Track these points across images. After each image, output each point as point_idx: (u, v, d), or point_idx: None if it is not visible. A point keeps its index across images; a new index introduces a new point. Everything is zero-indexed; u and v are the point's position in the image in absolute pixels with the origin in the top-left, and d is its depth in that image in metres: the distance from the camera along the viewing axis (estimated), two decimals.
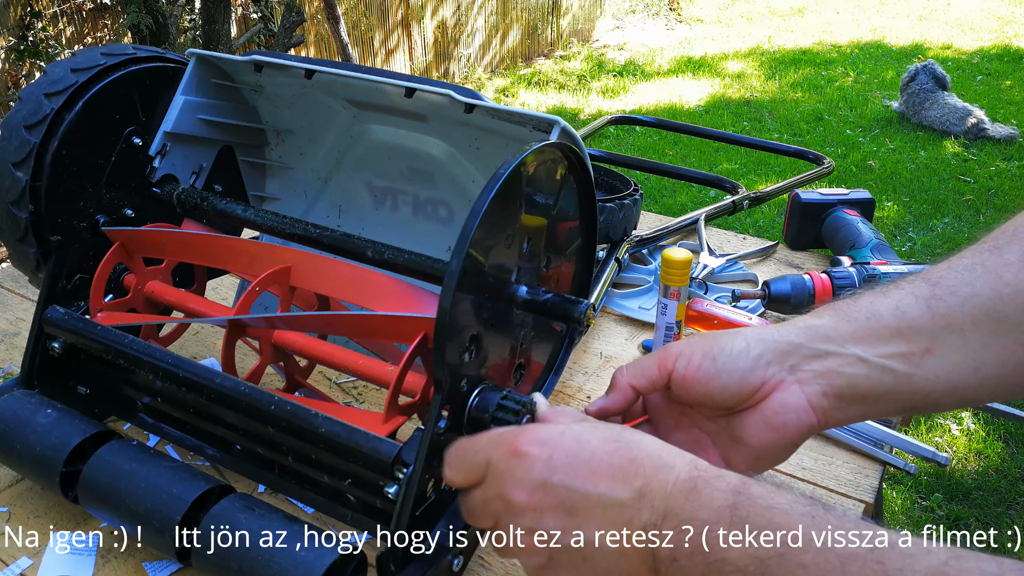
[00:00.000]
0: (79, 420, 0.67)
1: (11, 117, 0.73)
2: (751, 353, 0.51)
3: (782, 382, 0.50)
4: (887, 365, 0.49)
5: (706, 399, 0.52)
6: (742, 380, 0.50)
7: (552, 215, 0.64)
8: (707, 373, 0.51)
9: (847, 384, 0.50)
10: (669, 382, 0.53)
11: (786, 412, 0.50)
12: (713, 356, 0.51)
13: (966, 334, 0.49)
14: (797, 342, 0.51)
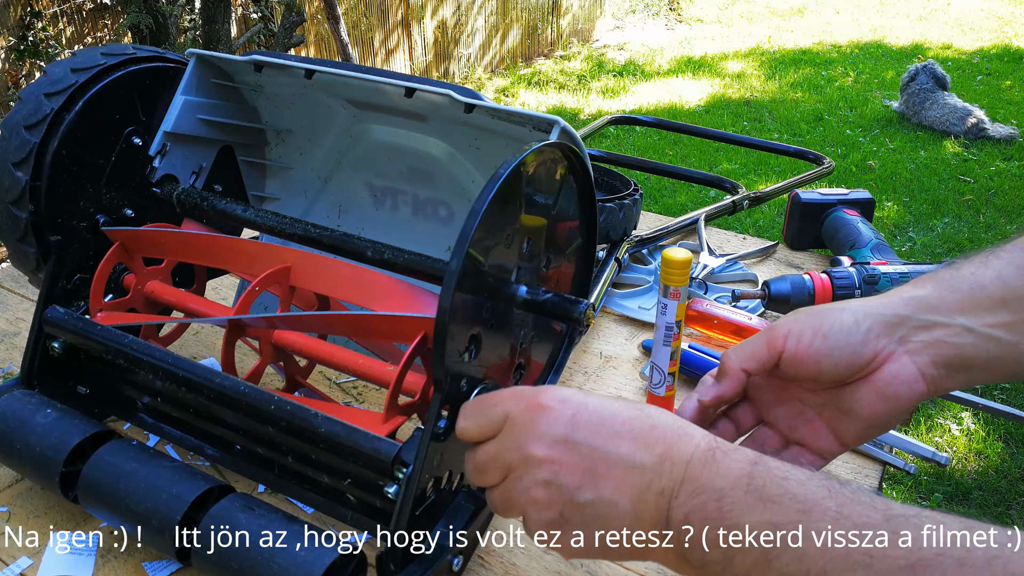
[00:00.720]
0: (79, 420, 0.67)
1: (11, 117, 0.73)
2: (861, 327, 0.51)
3: (892, 353, 0.51)
4: (993, 334, 0.51)
5: (818, 375, 0.52)
6: (854, 354, 0.51)
7: (552, 215, 0.64)
8: (819, 350, 0.51)
9: (955, 354, 0.51)
10: (779, 361, 0.53)
11: (898, 383, 0.51)
12: (824, 333, 0.52)
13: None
14: (904, 314, 0.52)
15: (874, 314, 0.52)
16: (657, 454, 0.44)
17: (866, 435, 0.54)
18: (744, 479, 0.41)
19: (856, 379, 0.52)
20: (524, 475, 0.46)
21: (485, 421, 0.49)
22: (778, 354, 0.53)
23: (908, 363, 0.51)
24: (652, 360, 0.80)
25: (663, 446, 0.44)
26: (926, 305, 0.52)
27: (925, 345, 0.51)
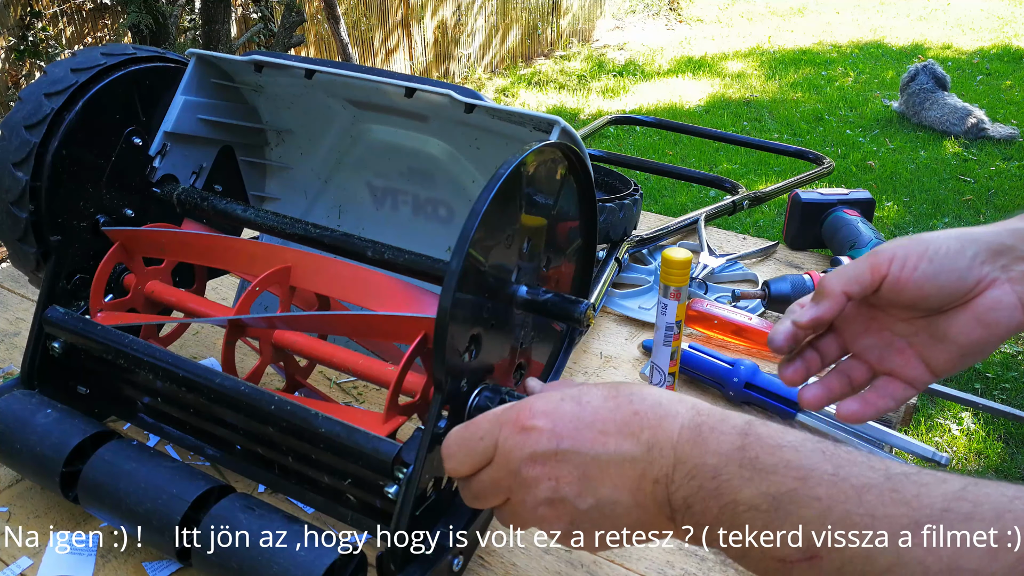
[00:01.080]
0: (79, 420, 0.67)
1: (11, 117, 0.73)
2: (967, 253, 0.52)
3: (995, 280, 0.52)
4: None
5: (918, 301, 0.52)
6: (960, 279, 0.51)
7: (552, 215, 0.64)
8: (924, 274, 0.51)
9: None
10: (880, 286, 0.53)
11: (999, 310, 0.51)
12: (930, 257, 0.52)
13: None
14: (1010, 243, 0.53)
15: (980, 241, 0.53)
16: (644, 441, 0.43)
17: (960, 363, 0.54)
18: (736, 452, 0.41)
19: (956, 305, 0.53)
20: (526, 497, 0.46)
21: (471, 457, 0.49)
22: (881, 278, 0.53)
23: (1009, 291, 0.52)
24: (652, 360, 0.80)
25: (648, 432, 0.44)
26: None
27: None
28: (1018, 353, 2.54)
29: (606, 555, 0.66)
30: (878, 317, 0.56)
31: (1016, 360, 2.50)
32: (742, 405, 0.85)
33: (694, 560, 0.65)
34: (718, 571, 0.64)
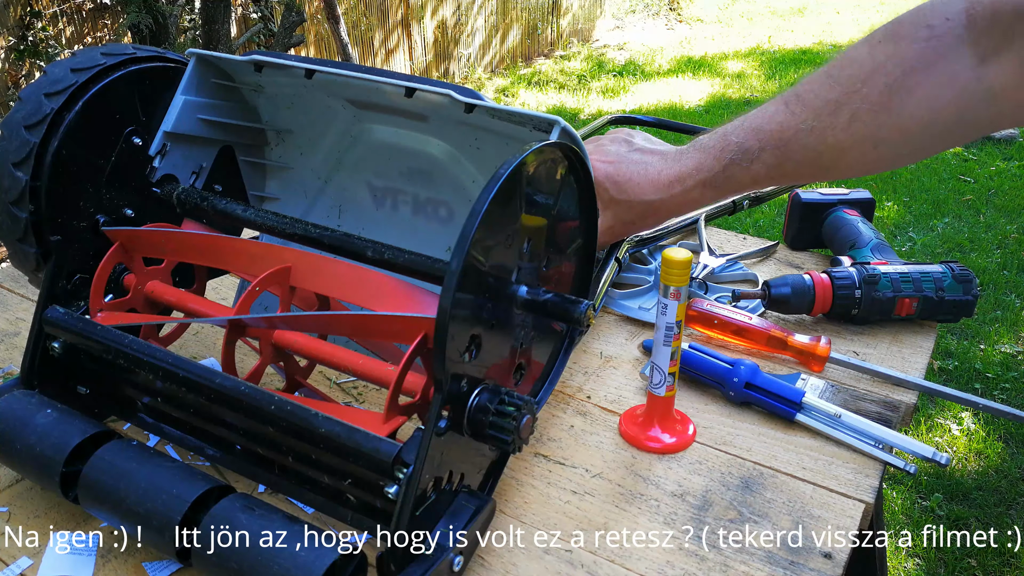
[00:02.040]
0: (79, 420, 0.67)
1: (11, 117, 0.73)
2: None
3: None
4: None
5: None
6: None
7: (552, 215, 0.64)
8: None
9: None
10: None
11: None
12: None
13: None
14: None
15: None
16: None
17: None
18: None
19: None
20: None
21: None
22: None
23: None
24: (652, 360, 0.80)
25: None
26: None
27: None
28: (1018, 353, 2.54)
29: (606, 555, 0.66)
30: None
31: (1016, 360, 2.50)
32: (742, 405, 0.85)
33: (694, 560, 0.65)
34: (718, 571, 0.64)
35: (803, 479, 0.75)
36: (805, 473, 0.75)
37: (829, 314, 0.99)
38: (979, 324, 2.66)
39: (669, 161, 0.81)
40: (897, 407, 0.85)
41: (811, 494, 0.72)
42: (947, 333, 2.60)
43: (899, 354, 0.95)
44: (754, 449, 0.78)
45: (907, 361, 0.93)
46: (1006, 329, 2.64)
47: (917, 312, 0.98)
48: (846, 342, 0.97)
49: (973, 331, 2.62)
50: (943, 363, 2.46)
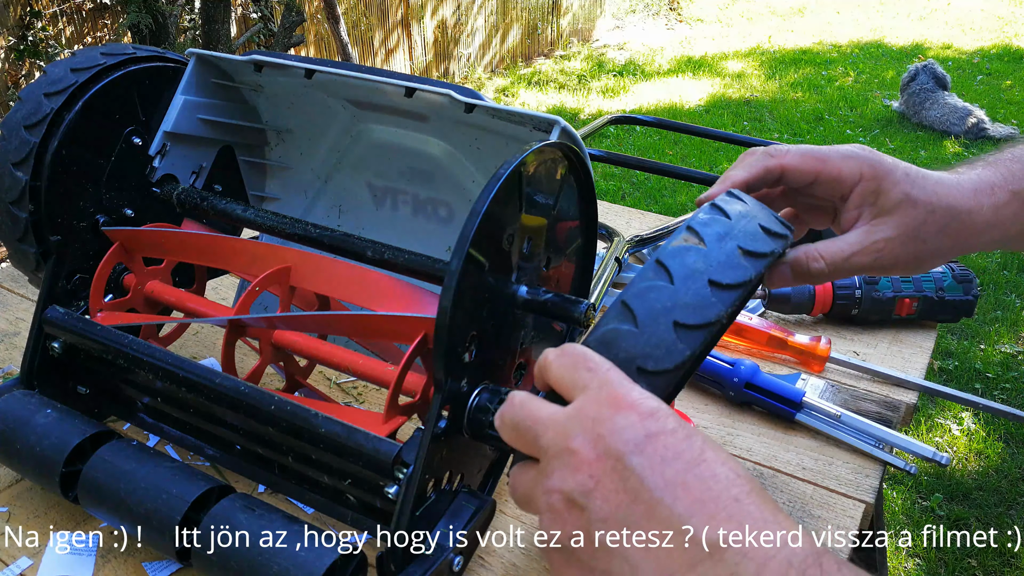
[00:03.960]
0: (79, 420, 0.67)
1: (11, 117, 0.73)
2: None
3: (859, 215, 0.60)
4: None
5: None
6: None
7: (552, 215, 0.64)
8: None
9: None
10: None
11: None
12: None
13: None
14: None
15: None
16: (722, 535, 0.32)
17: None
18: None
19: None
20: (555, 472, 0.36)
21: (568, 377, 0.39)
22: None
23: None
24: None
25: (735, 526, 0.32)
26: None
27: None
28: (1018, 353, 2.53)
29: None
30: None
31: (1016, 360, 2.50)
32: (742, 405, 0.85)
33: None
34: None
35: (803, 479, 0.75)
36: (805, 473, 0.75)
37: (829, 314, 0.99)
38: (979, 324, 2.66)
39: (956, 175, 0.57)
40: (897, 407, 0.85)
41: (811, 494, 0.72)
42: (947, 333, 2.60)
43: (899, 354, 0.95)
44: (754, 449, 0.78)
45: (907, 361, 0.93)
46: (1006, 329, 2.64)
47: (917, 312, 0.98)
48: (846, 342, 0.97)
49: (973, 331, 2.62)
50: (943, 363, 2.46)
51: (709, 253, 0.45)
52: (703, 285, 0.44)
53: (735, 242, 0.46)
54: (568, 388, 0.38)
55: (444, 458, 0.59)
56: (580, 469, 0.35)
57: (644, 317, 0.42)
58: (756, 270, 0.45)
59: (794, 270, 0.55)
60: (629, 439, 0.34)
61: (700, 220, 0.48)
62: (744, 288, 0.44)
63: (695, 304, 0.43)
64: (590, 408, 0.36)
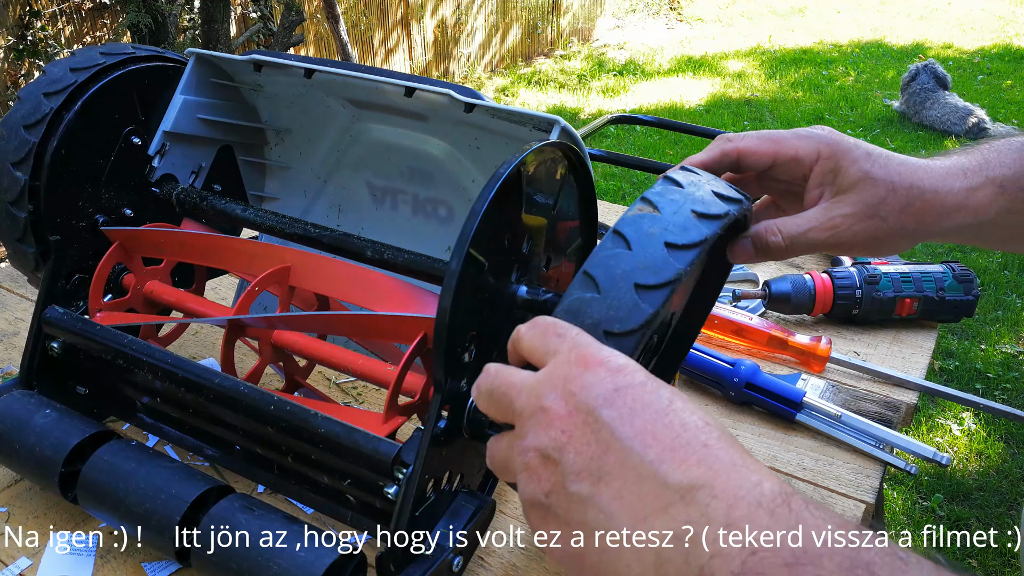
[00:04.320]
0: (78, 420, 0.67)
1: (10, 116, 0.73)
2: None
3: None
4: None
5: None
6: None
7: (552, 215, 0.64)
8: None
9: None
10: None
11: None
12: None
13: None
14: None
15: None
16: (692, 478, 0.32)
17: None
18: (843, 549, 0.29)
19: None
20: (529, 432, 0.37)
21: (539, 345, 0.39)
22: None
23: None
24: None
25: (706, 470, 0.32)
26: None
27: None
28: (1019, 353, 2.53)
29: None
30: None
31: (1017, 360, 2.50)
32: (742, 405, 0.85)
33: None
34: None
35: (803, 479, 0.74)
36: (805, 473, 0.75)
37: (830, 314, 0.99)
38: (980, 324, 2.66)
39: (928, 159, 0.57)
40: (898, 407, 0.85)
41: (811, 494, 0.72)
42: (948, 333, 2.60)
43: (900, 354, 0.94)
44: (754, 449, 0.78)
45: (908, 361, 0.93)
46: (1007, 329, 2.64)
47: (918, 312, 0.98)
48: (847, 342, 0.96)
49: (974, 331, 2.62)
50: (944, 363, 2.46)
51: (663, 218, 0.47)
52: (659, 247, 0.46)
53: (688, 206, 0.49)
54: (540, 355, 0.39)
55: (444, 458, 0.58)
56: (553, 425, 0.36)
57: (606, 283, 0.44)
58: (711, 230, 0.47)
59: (755, 244, 0.57)
60: (599, 393, 0.35)
61: (654, 191, 0.50)
62: (700, 247, 0.46)
63: (653, 265, 0.45)
64: (561, 369, 0.37)
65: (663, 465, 0.33)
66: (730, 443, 0.34)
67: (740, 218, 0.53)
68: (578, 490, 0.34)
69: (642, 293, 0.44)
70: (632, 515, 0.33)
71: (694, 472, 0.33)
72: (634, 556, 0.33)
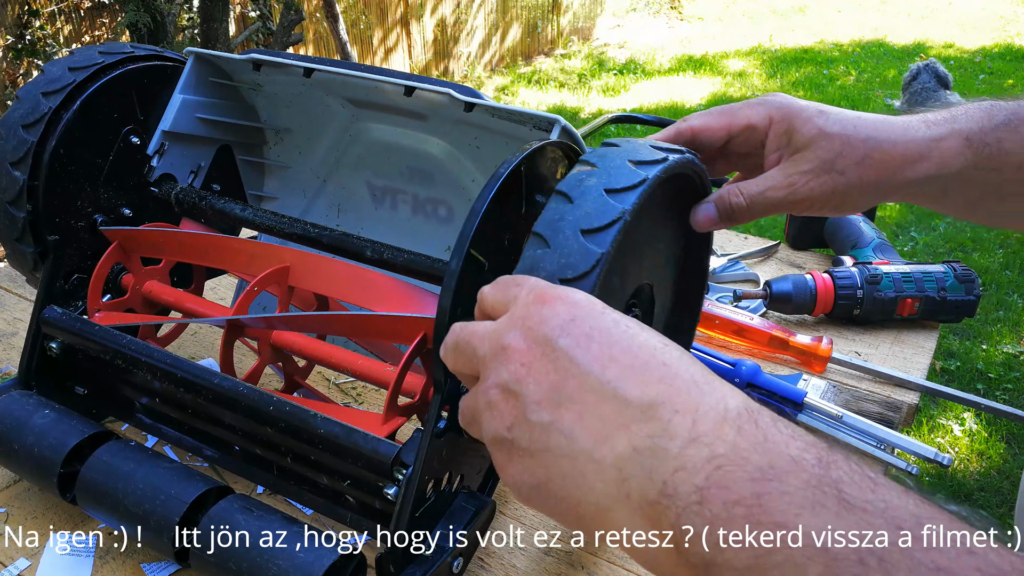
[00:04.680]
0: (77, 420, 0.67)
1: (9, 116, 0.72)
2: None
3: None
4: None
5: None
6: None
7: None
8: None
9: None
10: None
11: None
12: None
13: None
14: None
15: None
16: (653, 395, 0.32)
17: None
18: (811, 467, 0.28)
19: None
20: (491, 373, 0.37)
21: (501, 297, 0.40)
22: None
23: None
24: None
25: (666, 387, 0.32)
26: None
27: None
28: (1020, 353, 2.53)
29: (606, 555, 0.65)
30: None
31: (1018, 360, 2.50)
32: None
33: None
34: None
35: None
36: None
37: (831, 314, 0.98)
38: (981, 324, 2.66)
39: (886, 116, 0.55)
40: (899, 408, 0.85)
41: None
42: (949, 333, 2.60)
43: (901, 354, 0.94)
44: None
45: (909, 361, 0.93)
46: (1008, 329, 2.64)
47: (919, 312, 0.97)
48: (848, 342, 0.96)
49: (975, 331, 2.62)
50: (945, 363, 2.46)
51: (601, 172, 0.50)
52: (599, 195, 0.48)
53: (625, 157, 0.51)
54: (501, 306, 0.40)
55: (444, 459, 0.58)
56: (512, 360, 0.36)
57: (553, 237, 0.47)
58: (649, 174, 0.49)
59: (718, 207, 0.58)
60: (556, 324, 0.36)
61: (592, 152, 0.53)
62: (640, 188, 0.49)
63: (595, 211, 0.47)
64: (520, 310, 0.38)
65: (622, 384, 0.33)
66: (691, 361, 0.34)
67: (686, 172, 0.55)
68: (539, 418, 0.34)
69: (588, 237, 0.46)
70: (594, 435, 0.33)
71: (655, 389, 0.32)
72: (598, 476, 0.32)
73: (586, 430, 0.33)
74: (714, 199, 0.58)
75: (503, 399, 0.36)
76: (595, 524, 0.33)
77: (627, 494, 0.31)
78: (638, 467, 0.31)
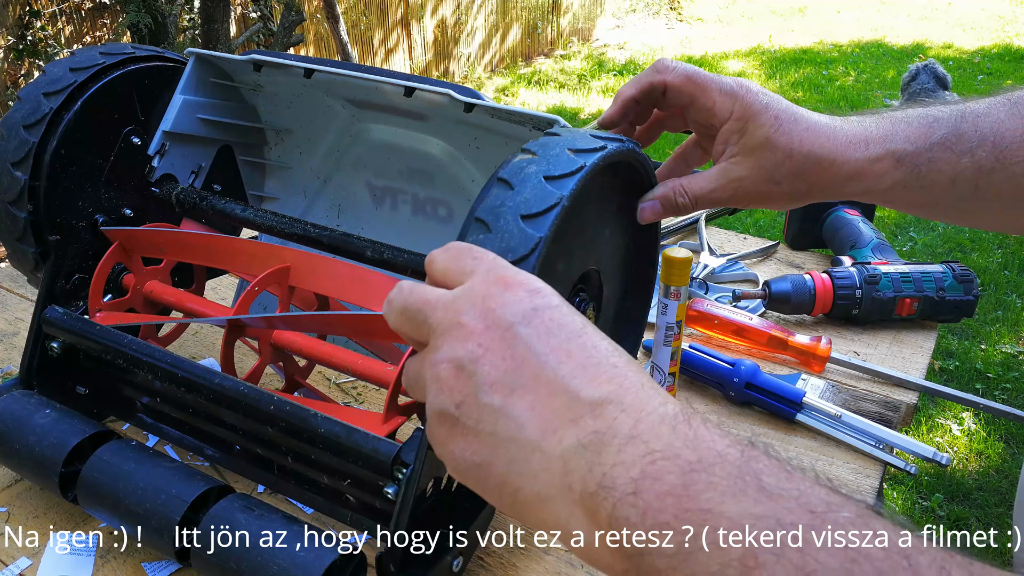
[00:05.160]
0: (78, 420, 0.67)
1: (10, 116, 0.73)
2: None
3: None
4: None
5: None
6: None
7: None
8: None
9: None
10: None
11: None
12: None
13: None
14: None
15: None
16: (603, 393, 0.33)
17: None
18: (735, 459, 0.30)
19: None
20: (443, 346, 0.37)
21: (455, 266, 0.40)
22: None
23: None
24: (652, 360, 0.80)
25: (616, 388, 0.34)
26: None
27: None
28: (1019, 353, 2.53)
29: None
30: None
31: (1017, 360, 2.50)
32: (742, 405, 0.85)
33: None
34: None
35: None
36: None
37: (830, 314, 0.99)
38: (980, 324, 2.66)
39: (838, 123, 0.58)
40: (898, 407, 0.85)
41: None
42: (948, 333, 2.60)
43: (900, 354, 0.94)
44: None
45: (908, 361, 0.93)
46: (1007, 329, 2.64)
47: (918, 312, 0.98)
48: (847, 342, 0.97)
49: (974, 331, 2.62)
50: (944, 363, 2.46)
51: (540, 159, 0.52)
52: (538, 182, 0.50)
53: (565, 146, 0.53)
54: (455, 275, 0.40)
55: None
56: (469, 339, 0.36)
57: (495, 222, 0.49)
58: (587, 161, 0.52)
59: (663, 204, 0.62)
60: (517, 311, 0.36)
61: (533, 142, 0.54)
62: (578, 175, 0.51)
63: (534, 197, 0.49)
64: (479, 287, 0.38)
65: (575, 380, 0.34)
66: (637, 368, 0.36)
67: (627, 160, 0.58)
68: (490, 401, 0.35)
69: (528, 222, 0.49)
70: (543, 426, 0.34)
71: (605, 388, 0.34)
72: (542, 465, 0.34)
73: (536, 420, 0.34)
74: (659, 197, 0.62)
75: (454, 375, 0.36)
76: (532, 511, 0.34)
77: (569, 486, 0.33)
78: (581, 460, 0.32)
